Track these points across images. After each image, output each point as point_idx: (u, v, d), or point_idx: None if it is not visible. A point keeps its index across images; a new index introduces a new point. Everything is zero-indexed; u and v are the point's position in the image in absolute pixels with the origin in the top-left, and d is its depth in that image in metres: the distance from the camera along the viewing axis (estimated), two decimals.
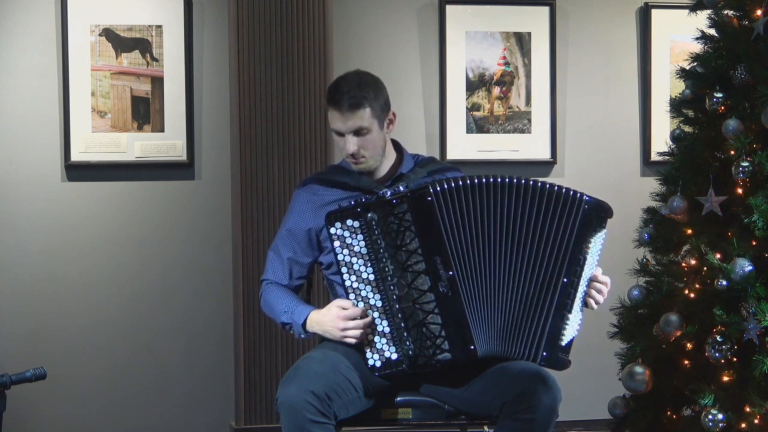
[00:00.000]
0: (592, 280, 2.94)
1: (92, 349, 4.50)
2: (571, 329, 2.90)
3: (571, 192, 2.85)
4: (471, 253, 2.80)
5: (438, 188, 2.78)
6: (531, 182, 2.83)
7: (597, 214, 2.90)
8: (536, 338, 2.84)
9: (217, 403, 4.57)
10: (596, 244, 2.92)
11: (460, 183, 2.80)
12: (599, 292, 2.94)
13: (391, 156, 3.11)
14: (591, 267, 2.92)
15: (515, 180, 2.82)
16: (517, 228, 2.82)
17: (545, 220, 2.83)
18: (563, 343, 2.88)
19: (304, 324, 2.94)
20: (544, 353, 2.85)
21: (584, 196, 2.86)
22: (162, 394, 4.55)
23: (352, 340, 2.85)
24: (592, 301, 2.95)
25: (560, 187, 2.85)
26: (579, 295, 2.90)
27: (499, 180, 2.81)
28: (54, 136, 4.44)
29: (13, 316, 4.44)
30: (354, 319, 2.83)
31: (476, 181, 2.81)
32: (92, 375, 4.50)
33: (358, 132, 2.97)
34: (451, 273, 2.78)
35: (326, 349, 2.92)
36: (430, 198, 2.77)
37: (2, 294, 4.44)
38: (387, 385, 2.94)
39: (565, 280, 2.85)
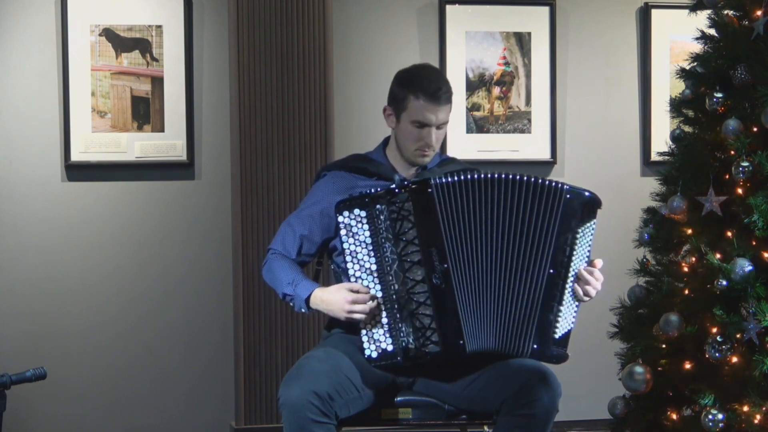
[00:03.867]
0: (583, 272, 2.92)
1: (92, 349, 4.50)
2: (565, 321, 2.90)
3: (553, 183, 2.85)
4: (465, 246, 2.83)
5: (439, 181, 2.81)
6: (518, 177, 2.84)
7: (582, 204, 2.90)
8: (525, 331, 2.85)
9: (217, 403, 4.57)
10: (585, 235, 2.92)
11: (461, 177, 2.82)
12: (588, 283, 2.91)
13: None
14: (581, 258, 2.92)
15: (503, 175, 2.84)
16: (506, 222, 2.84)
17: (531, 213, 2.84)
18: (557, 336, 2.88)
19: (307, 299, 2.93)
20: (534, 346, 2.85)
21: (565, 186, 2.87)
22: (162, 394, 4.55)
23: (355, 321, 2.85)
24: (580, 292, 2.91)
25: (543, 180, 2.85)
26: (568, 286, 2.89)
27: (491, 176, 2.84)
28: (54, 136, 4.44)
29: (13, 316, 4.44)
30: (361, 302, 2.83)
31: (476, 176, 2.84)
32: (92, 375, 4.50)
33: (440, 125, 3.02)
34: (445, 265, 2.80)
35: (327, 348, 2.93)
36: (430, 189, 2.80)
37: (2, 294, 4.44)
38: (388, 384, 2.95)
39: (551, 271, 2.85)
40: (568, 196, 2.86)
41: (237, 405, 4.41)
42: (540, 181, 2.84)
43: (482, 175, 2.84)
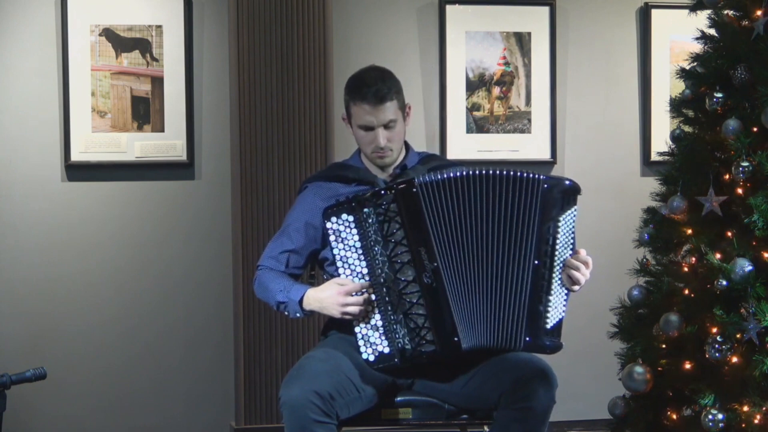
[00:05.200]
0: (571, 260, 2.92)
1: (92, 349, 4.50)
2: (556, 311, 2.92)
3: (529, 175, 2.87)
4: (453, 244, 2.84)
5: (423, 179, 2.83)
6: (497, 171, 2.86)
7: (561, 192, 2.91)
8: (516, 324, 2.87)
9: (217, 403, 4.57)
10: (567, 222, 2.93)
11: (443, 176, 2.84)
12: (577, 269, 2.92)
13: (402, 150, 3.15)
14: (565, 246, 2.93)
15: (483, 171, 2.85)
16: (489, 217, 2.85)
17: (512, 206, 2.85)
18: (549, 326, 2.90)
19: (300, 301, 2.94)
20: (527, 338, 2.87)
21: (541, 177, 2.88)
22: (162, 394, 4.55)
23: (350, 317, 2.86)
24: (570, 280, 2.92)
25: (521, 172, 2.87)
26: (556, 275, 2.91)
27: (472, 172, 2.85)
28: (54, 136, 4.44)
29: (13, 316, 4.44)
30: (353, 294, 2.84)
31: (458, 173, 2.85)
32: (92, 375, 4.50)
33: (387, 125, 3.01)
34: (435, 264, 2.81)
35: (327, 348, 2.93)
36: (415, 189, 2.81)
37: (2, 294, 4.44)
38: (387, 385, 2.95)
39: (536, 262, 2.87)
40: (545, 186, 2.88)
41: (237, 405, 4.41)
42: (517, 174, 2.86)
43: (463, 173, 2.85)
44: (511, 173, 2.86)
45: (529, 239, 2.86)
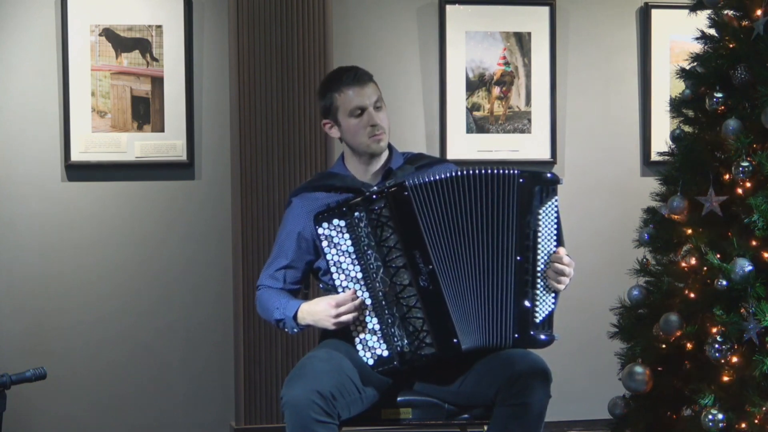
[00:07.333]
0: (553, 260, 2.92)
1: (92, 349, 4.50)
2: (544, 304, 2.92)
3: (504, 171, 2.87)
4: (446, 245, 2.85)
5: (414, 182, 2.83)
6: (477, 170, 2.87)
7: (537, 183, 2.91)
8: (504, 322, 2.87)
9: (217, 403, 4.57)
10: (548, 214, 2.92)
11: (433, 177, 2.85)
12: (560, 273, 2.91)
13: (386, 152, 3.14)
14: (548, 238, 2.93)
15: (464, 171, 2.87)
16: (475, 216, 2.86)
17: (492, 204, 2.86)
18: (538, 320, 2.90)
19: (295, 316, 2.96)
20: (515, 335, 2.88)
21: (515, 171, 2.88)
22: (162, 394, 4.55)
23: (343, 326, 2.87)
24: (553, 283, 2.92)
25: (497, 169, 2.87)
26: (540, 269, 2.91)
27: (457, 173, 2.87)
28: (54, 136, 4.44)
29: (13, 316, 4.44)
30: (344, 303, 2.85)
31: (444, 175, 2.86)
32: (92, 375, 4.50)
33: (375, 105, 3.04)
34: (430, 266, 2.82)
35: (329, 349, 2.94)
36: (407, 193, 2.82)
37: (2, 293, 4.44)
38: (387, 385, 2.95)
39: (518, 258, 2.88)
40: (521, 180, 2.88)
41: (237, 405, 4.41)
42: (493, 171, 2.87)
43: (451, 174, 2.86)
44: (488, 171, 2.87)
45: (510, 235, 2.87)
